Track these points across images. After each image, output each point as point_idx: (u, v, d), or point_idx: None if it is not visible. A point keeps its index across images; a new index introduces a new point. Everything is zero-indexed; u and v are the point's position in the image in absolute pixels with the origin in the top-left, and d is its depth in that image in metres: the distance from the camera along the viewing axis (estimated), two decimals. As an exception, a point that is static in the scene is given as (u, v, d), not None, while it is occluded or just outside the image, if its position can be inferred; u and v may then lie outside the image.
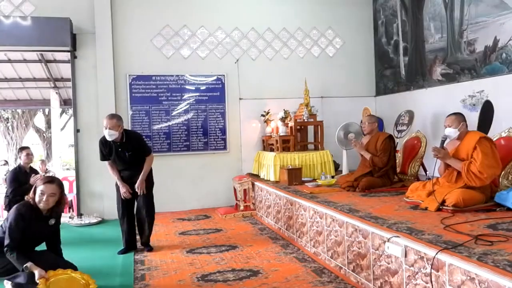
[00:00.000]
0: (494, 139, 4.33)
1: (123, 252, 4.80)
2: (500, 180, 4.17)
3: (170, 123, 7.25)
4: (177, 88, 7.29)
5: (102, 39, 6.87)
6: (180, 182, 7.23)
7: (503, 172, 4.18)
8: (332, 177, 6.19)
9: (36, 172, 6.23)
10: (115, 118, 4.64)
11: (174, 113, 7.27)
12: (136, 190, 4.78)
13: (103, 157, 4.82)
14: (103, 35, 6.87)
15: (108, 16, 6.89)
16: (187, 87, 7.32)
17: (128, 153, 4.73)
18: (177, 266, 4.26)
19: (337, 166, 6.91)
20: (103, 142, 4.74)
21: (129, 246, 4.88)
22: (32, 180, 5.58)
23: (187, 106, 7.32)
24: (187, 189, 7.27)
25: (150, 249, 4.87)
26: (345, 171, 6.44)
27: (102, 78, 6.86)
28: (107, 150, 4.75)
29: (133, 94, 7.09)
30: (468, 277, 2.39)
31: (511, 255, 2.50)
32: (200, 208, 7.26)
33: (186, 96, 7.31)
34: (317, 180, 5.96)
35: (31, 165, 6.21)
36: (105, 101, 6.82)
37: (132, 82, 7.08)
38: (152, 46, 7.20)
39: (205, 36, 7.40)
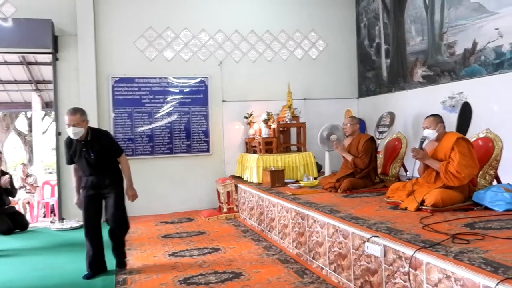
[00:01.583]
0: (472, 140, 4.41)
1: (88, 277, 4.08)
2: (478, 180, 4.24)
3: (153, 126, 7.21)
4: (160, 91, 7.26)
5: (84, 41, 6.80)
6: (163, 185, 7.19)
7: (480, 172, 4.26)
8: (315, 178, 6.22)
9: (3, 174, 6.37)
10: (78, 112, 3.99)
11: (157, 115, 7.23)
12: (130, 200, 4.35)
13: (70, 160, 4.20)
14: (85, 37, 6.81)
15: (90, 18, 6.83)
16: (170, 89, 7.29)
17: (93, 153, 4.06)
18: (159, 269, 4.23)
19: (319, 168, 6.95)
20: (68, 143, 4.14)
21: (95, 269, 4.16)
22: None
23: (170, 109, 7.29)
24: (170, 192, 7.23)
25: (124, 265, 4.30)
26: (327, 172, 6.47)
27: (84, 80, 6.79)
28: (71, 151, 4.14)
29: (115, 97, 7.03)
30: (445, 275, 2.42)
31: (486, 253, 2.54)
32: (183, 211, 7.23)
33: (169, 98, 7.28)
34: (299, 182, 5.99)
35: (2, 168, 6.38)
36: (87, 103, 6.70)
37: (115, 85, 7.03)
38: (135, 48, 7.16)
39: (189, 38, 7.39)
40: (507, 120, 4.98)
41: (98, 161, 4.10)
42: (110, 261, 4.31)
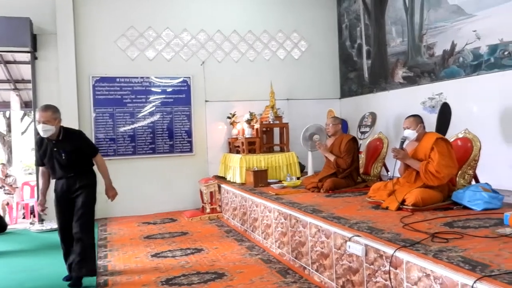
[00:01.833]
0: (452, 140, 4.49)
1: (68, 279, 3.92)
2: (457, 179, 4.32)
3: (135, 126, 7.15)
4: (142, 90, 7.20)
5: (64, 40, 6.71)
6: (146, 186, 7.14)
7: (459, 172, 4.33)
8: (298, 178, 6.25)
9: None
10: (50, 109, 3.80)
11: (139, 115, 7.17)
12: (109, 199, 4.19)
13: (40, 161, 3.96)
14: (65, 36, 6.72)
15: (70, 17, 6.74)
16: (153, 89, 7.24)
17: (64, 153, 3.81)
18: (141, 270, 4.20)
19: (302, 168, 6.99)
20: (38, 141, 3.92)
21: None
22: None
23: (153, 109, 7.24)
24: (152, 192, 7.17)
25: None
26: (310, 172, 6.51)
27: (64, 79, 6.70)
28: (42, 151, 3.89)
29: (96, 96, 6.95)
30: (424, 274, 2.47)
31: (464, 251, 2.60)
32: (166, 212, 7.18)
33: (151, 98, 7.23)
34: (282, 182, 6.01)
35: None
36: (67, 103, 6.65)
37: (96, 84, 6.95)
38: (116, 47, 7.09)
39: (171, 38, 7.35)
40: (485, 121, 5.09)
41: (69, 162, 3.85)
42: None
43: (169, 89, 7.33)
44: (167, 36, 7.33)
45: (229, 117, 7.42)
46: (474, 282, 2.13)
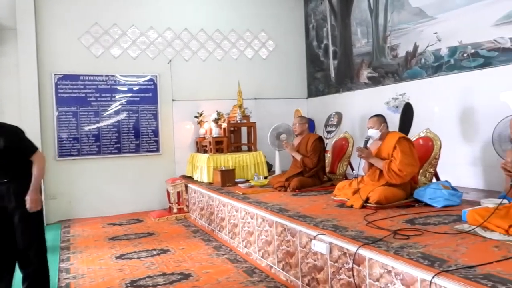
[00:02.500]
0: (414, 139, 4.61)
1: None
2: (419, 178, 4.43)
3: (99, 125, 6.99)
4: (107, 89, 7.05)
5: (25, 36, 6.49)
6: (111, 186, 6.99)
7: (421, 170, 4.45)
8: (265, 177, 6.27)
9: None
10: None
11: (104, 114, 7.01)
12: (28, 207, 3.11)
13: None
14: (26, 31, 6.49)
15: (31, 12, 6.52)
16: (118, 87, 7.10)
17: None
18: (105, 273, 4.12)
19: (270, 167, 7.02)
20: None
21: None
22: None
23: (118, 107, 7.09)
24: (118, 193, 7.04)
25: None
26: (277, 171, 6.54)
27: (25, 76, 6.48)
28: None
29: (59, 94, 6.75)
30: (386, 270, 2.52)
31: (424, 247, 2.67)
32: (132, 212, 7.06)
33: (116, 96, 7.08)
34: (250, 181, 6.01)
35: None
36: (28, 101, 6.45)
37: (58, 82, 6.75)
38: (80, 44, 6.91)
39: (137, 35, 7.22)
40: (446, 120, 5.25)
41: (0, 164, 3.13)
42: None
43: (135, 88, 7.21)
44: (133, 34, 7.20)
45: (196, 117, 7.37)
46: (433, 277, 2.19)
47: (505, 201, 3.12)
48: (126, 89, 7.15)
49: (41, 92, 6.61)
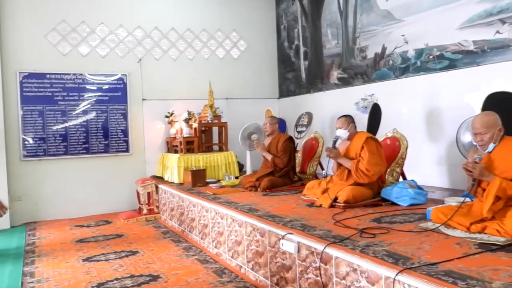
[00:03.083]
0: (381, 139, 4.70)
1: None
2: (386, 177, 4.52)
3: (67, 125, 6.82)
4: (75, 88, 6.89)
5: (-13, 33, 6.29)
6: (79, 187, 6.84)
7: (388, 169, 4.54)
8: (236, 177, 6.27)
9: None
10: None
11: (71, 114, 6.85)
12: None
13: None
14: (-12, 28, 6.30)
15: (-6, 8, 6.33)
16: (86, 86, 6.95)
17: None
18: (72, 276, 4.02)
19: (241, 167, 7.01)
20: None
21: None
22: None
23: (87, 107, 6.95)
24: (86, 194, 6.89)
25: None
26: (249, 171, 6.55)
27: (-13, 75, 6.28)
28: None
29: (24, 93, 6.56)
30: (352, 268, 2.55)
31: (389, 245, 2.72)
32: (101, 214, 6.92)
33: (85, 96, 6.94)
34: (221, 181, 6.00)
35: None
36: (-9, 100, 6.25)
37: (23, 80, 6.56)
38: (47, 42, 6.73)
39: (106, 33, 7.09)
40: (412, 121, 5.37)
41: None
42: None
43: (105, 87, 7.07)
44: (102, 32, 7.07)
45: (167, 116, 7.30)
46: (396, 274, 2.23)
47: (467, 199, 3.21)
48: (94, 88, 7.01)
49: (5, 91, 6.41)
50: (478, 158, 3.02)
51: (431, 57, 5.17)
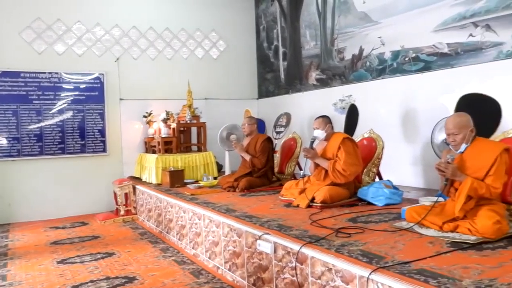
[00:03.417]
0: (358, 140, 4.74)
1: None
2: (363, 177, 4.57)
3: (42, 124, 6.69)
4: (51, 87, 6.76)
5: (-42, 30, 6.12)
6: (54, 188, 6.72)
7: (365, 170, 4.59)
8: (215, 178, 6.25)
9: None
10: None
11: (47, 113, 6.72)
12: None
13: None
14: (-40, 25, 6.13)
15: (-34, 4, 6.16)
16: (62, 85, 6.82)
17: None
18: (45, 278, 3.94)
19: (220, 167, 6.99)
20: None
21: None
22: None
23: (62, 106, 6.82)
24: (62, 195, 6.77)
25: None
26: (227, 172, 6.54)
27: (-41, 73, 6.12)
28: None
29: (-3, 92, 6.42)
30: (327, 268, 2.57)
31: (364, 245, 2.75)
32: (77, 215, 6.81)
33: (61, 95, 6.81)
34: (199, 182, 5.97)
35: None
36: (-38, 99, 6.09)
37: (-4, 79, 6.42)
38: (21, 40, 6.59)
39: (82, 32, 6.98)
40: (389, 121, 5.44)
41: None
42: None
43: (81, 86, 6.95)
44: (78, 30, 6.95)
45: (145, 116, 7.22)
46: (370, 273, 2.26)
47: (440, 199, 3.26)
48: (71, 87, 6.89)
49: (-23, 90, 6.26)
50: (451, 158, 3.08)
51: (407, 59, 5.25)
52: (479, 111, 3.57)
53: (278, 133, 6.78)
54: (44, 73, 6.71)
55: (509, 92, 4.16)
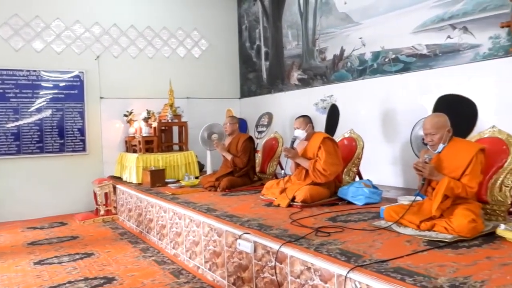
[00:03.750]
0: (339, 140, 4.78)
1: None
2: (343, 176, 4.60)
3: (19, 123, 6.56)
4: (29, 85, 6.63)
5: None
6: (33, 188, 6.59)
7: (345, 169, 4.62)
8: (197, 177, 6.23)
9: None
10: None
11: (24, 111, 6.59)
12: None
13: None
14: None
15: None
16: (41, 83, 6.70)
17: None
18: (21, 280, 3.87)
19: (201, 167, 6.97)
20: None
21: None
22: None
23: (41, 105, 6.70)
24: (41, 195, 6.65)
25: None
26: (209, 171, 6.51)
27: None
28: None
29: (-27, 90, 6.28)
30: (306, 267, 2.58)
31: (343, 244, 2.77)
32: (56, 215, 6.71)
33: (39, 93, 6.69)
34: (180, 181, 5.94)
35: None
36: None
37: (-28, 76, 6.27)
38: (-3, 36, 6.46)
39: (61, 29, 6.87)
40: (369, 121, 5.50)
41: None
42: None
43: (61, 84, 6.84)
44: (57, 27, 6.84)
45: (126, 115, 7.15)
46: (348, 272, 2.28)
47: (418, 198, 3.31)
48: (50, 85, 6.77)
49: (-48, 87, 6.11)
50: (428, 158, 3.12)
51: (387, 60, 5.31)
52: (456, 111, 3.63)
53: (260, 132, 6.79)
54: (22, 70, 6.58)
55: (485, 94, 4.25)
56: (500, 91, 4.20)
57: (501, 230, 2.73)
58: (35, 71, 6.66)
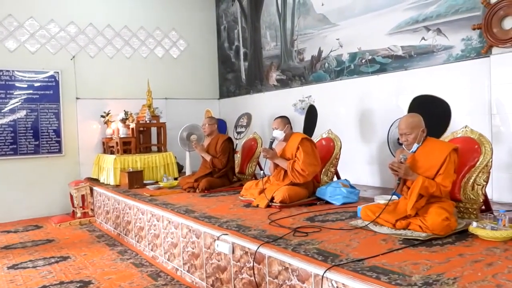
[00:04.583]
0: (317, 140, 4.82)
1: None
2: (321, 177, 4.64)
3: (-8, 124, 6.42)
4: (2, 85, 6.48)
5: None
6: (6, 190, 6.43)
7: (323, 169, 4.66)
8: (175, 178, 6.19)
9: None
10: None
11: (-3, 112, 6.45)
12: None
13: None
14: None
15: None
16: (15, 83, 6.55)
17: None
18: (-6, 285, 3.79)
19: (180, 168, 6.93)
20: None
21: None
22: None
23: (15, 105, 6.55)
24: (14, 197, 6.49)
25: None
26: (188, 172, 6.47)
27: None
28: None
29: None
30: (284, 267, 2.60)
31: (320, 243, 2.79)
32: (30, 218, 6.57)
33: (13, 93, 6.54)
34: (159, 183, 5.89)
35: None
36: None
37: None
38: (-32, 35, 6.30)
39: (35, 28, 6.73)
40: (347, 122, 5.56)
41: None
42: None
43: (35, 84, 6.70)
44: (31, 26, 6.70)
45: (103, 116, 7.06)
46: (325, 271, 2.30)
47: (394, 197, 3.36)
48: (24, 85, 6.63)
49: None
50: (403, 158, 3.17)
51: (363, 60, 5.38)
52: (430, 112, 3.70)
53: (239, 133, 6.78)
54: (-5, 70, 6.44)
55: (458, 94, 4.35)
56: (472, 91, 4.30)
57: (473, 227, 2.80)
58: (8, 71, 6.51)
